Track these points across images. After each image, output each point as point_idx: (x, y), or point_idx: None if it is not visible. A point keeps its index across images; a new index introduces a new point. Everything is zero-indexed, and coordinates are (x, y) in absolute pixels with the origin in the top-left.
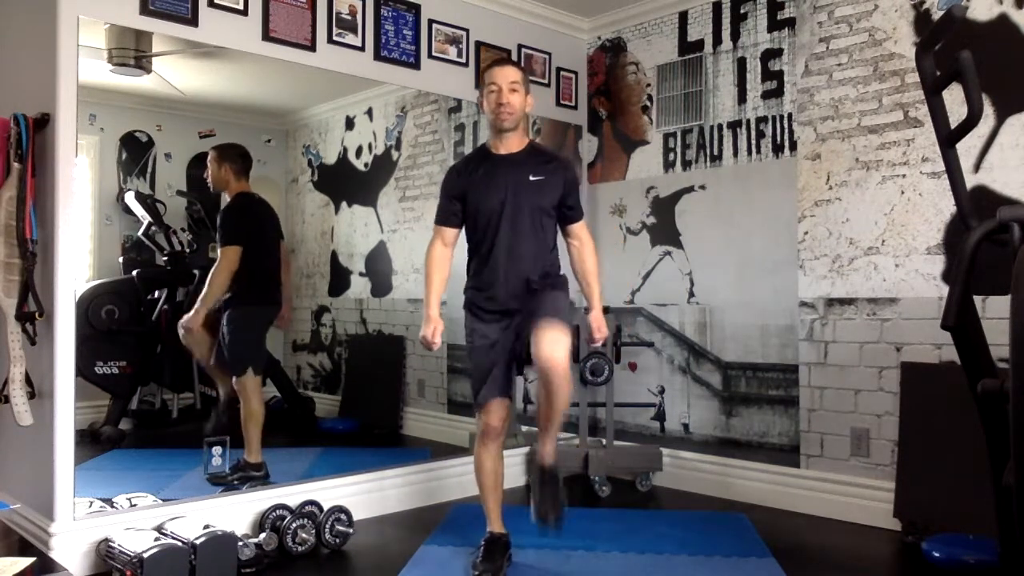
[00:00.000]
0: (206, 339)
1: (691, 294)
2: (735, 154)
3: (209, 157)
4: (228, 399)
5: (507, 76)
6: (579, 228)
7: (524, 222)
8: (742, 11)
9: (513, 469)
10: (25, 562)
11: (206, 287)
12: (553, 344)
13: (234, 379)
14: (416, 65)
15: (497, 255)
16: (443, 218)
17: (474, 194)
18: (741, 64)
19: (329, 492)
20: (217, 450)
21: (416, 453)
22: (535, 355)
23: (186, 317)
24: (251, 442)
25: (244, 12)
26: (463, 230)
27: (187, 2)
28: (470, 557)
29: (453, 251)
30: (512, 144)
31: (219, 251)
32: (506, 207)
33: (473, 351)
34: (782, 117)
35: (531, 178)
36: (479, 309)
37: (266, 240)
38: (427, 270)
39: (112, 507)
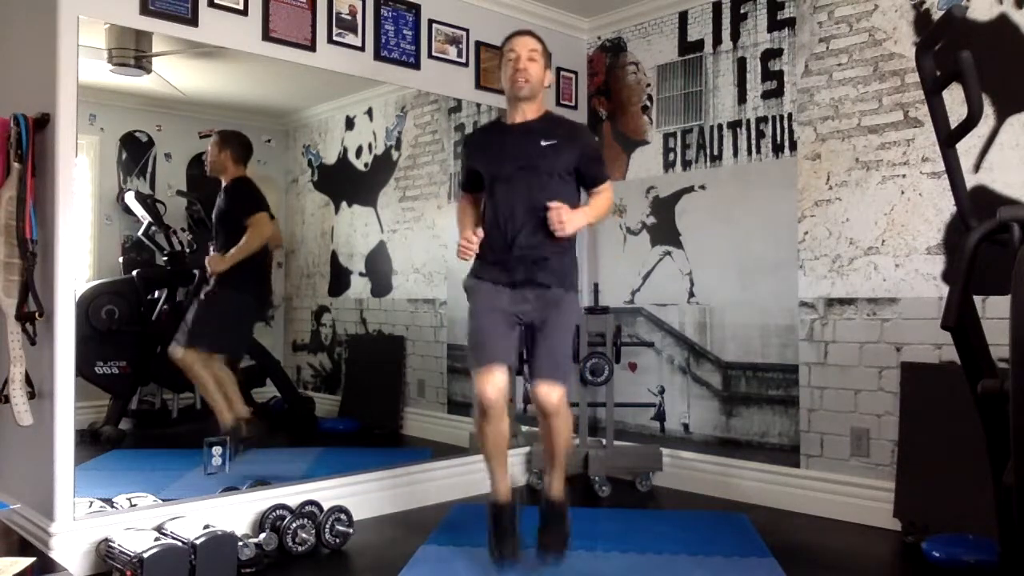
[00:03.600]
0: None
1: (691, 294)
2: (735, 154)
3: (211, 140)
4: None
5: (527, 44)
6: (602, 187)
7: (535, 188)
8: (742, 11)
9: (513, 469)
10: (25, 562)
11: (243, 244)
12: (549, 391)
13: (181, 351)
14: (416, 65)
15: (507, 220)
16: (464, 185)
17: (483, 162)
18: (741, 64)
19: (329, 492)
20: (217, 450)
21: (416, 453)
22: (533, 395)
23: (212, 257)
24: (218, 407)
25: (244, 12)
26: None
27: (187, 2)
28: (487, 537)
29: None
30: (528, 113)
31: (250, 221)
32: (516, 175)
33: (474, 313)
34: (782, 117)
35: (543, 143)
36: (485, 271)
37: None
38: (459, 212)
39: (112, 507)
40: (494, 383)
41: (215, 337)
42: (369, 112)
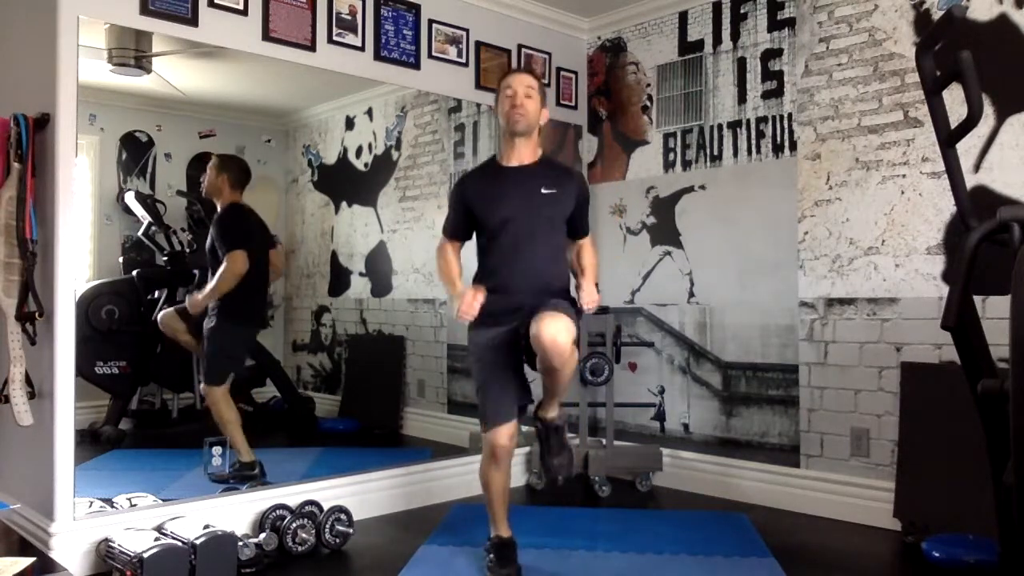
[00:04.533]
0: (184, 325)
1: (691, 294)
2: (735, 154)
3: (209, 163)
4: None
5: (523, 81)
6: (585, 243)
7: (535, 236)
8: (742, 11)
9: (513, 469)
10: (25, 562)
11: (214, 283)
12: (555, 328)
13: (203, 387)
14: (416, 65)
15: (505, 268)
16: (451, 232)
17: (481, 207)
18: (741, 64)
19: (329, 492)
20: (217, 450)
21: (416, 453)
22: (535, 340)
23: (190, 298)
24: (238, 445)
25: (244, 12)
26: (474, 236)
27: (187, 2)
28: (484, 564)
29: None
30: (524, 154)
31: (225, 257)
32: (517, 221)
33: (477, 366)
34: (782, 117)
35: (543, 191)
36: (484, 320)
37: (256, 254)
38: (441, 262)
39: (112, 507)
40: (506, 433)
41: (230, 369)
42: (369, 112)
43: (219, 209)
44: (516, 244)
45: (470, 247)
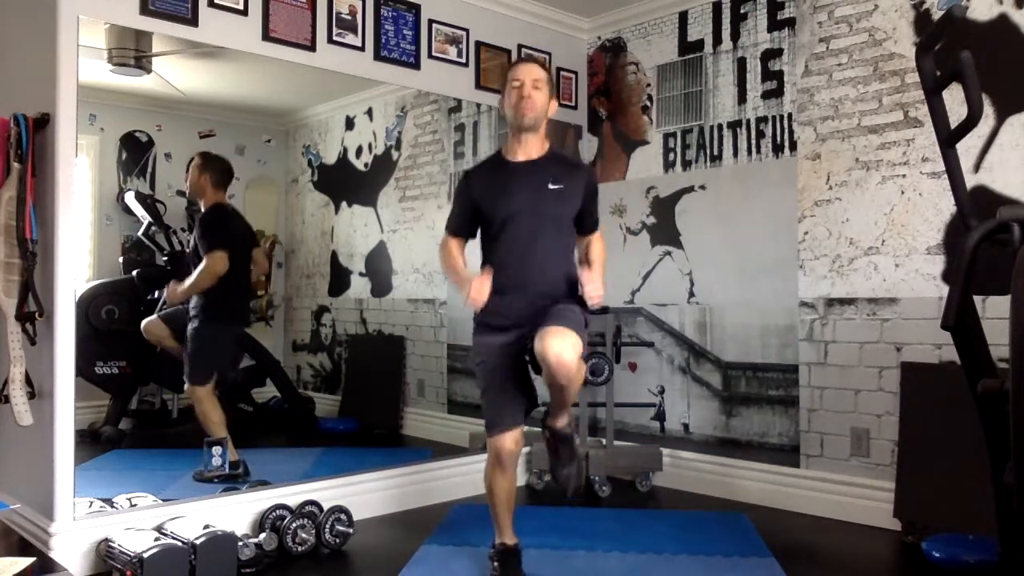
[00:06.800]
0: (168, 331)
1: (691, 294)
2: (735, 154)
3: (192, 163)
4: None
5: (531, 73)
6: (594, 238)
7: (542, 233)
8: (742, 11)
9: None
10: (25, 562)
11: (193, 279)
12: (560, 345)
13: (186, 387)
14: (416, 65)
15: (513, 267)
16: (455, 228)
17: (488, 204)
18: (741, 64)
19: (329, 492)
20: (217, 450)
21: (416, 453)
22: (540, 356)
23: (170, 288)
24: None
25: (244, 12)
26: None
27: (187, 2)
28: (487, 573)
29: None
30: (532, 149)
31: (205, 256)
32: (523, 217)
33: (482, 371)
34: (782, 117)
35: (550, 186)
36: (490, 321)
37: (238, 254)
38: (445, 254)
39: (112, 507)
40: (512, 438)
41: (214, 370)
42: (369, 112)
43: (202, 208)
44: (522, 242)
45: (474, 245)
